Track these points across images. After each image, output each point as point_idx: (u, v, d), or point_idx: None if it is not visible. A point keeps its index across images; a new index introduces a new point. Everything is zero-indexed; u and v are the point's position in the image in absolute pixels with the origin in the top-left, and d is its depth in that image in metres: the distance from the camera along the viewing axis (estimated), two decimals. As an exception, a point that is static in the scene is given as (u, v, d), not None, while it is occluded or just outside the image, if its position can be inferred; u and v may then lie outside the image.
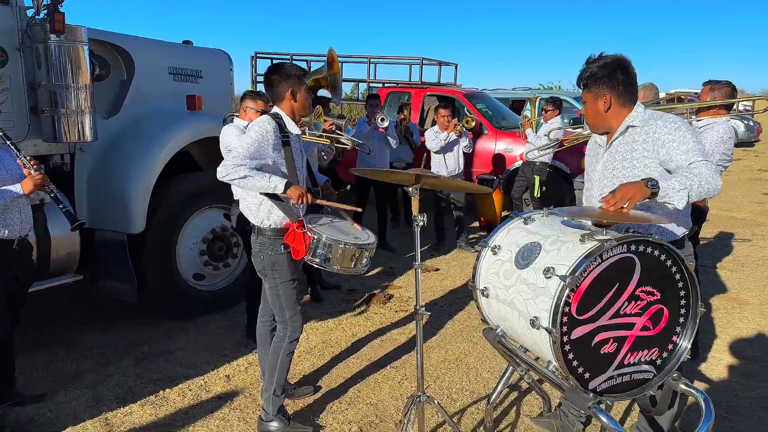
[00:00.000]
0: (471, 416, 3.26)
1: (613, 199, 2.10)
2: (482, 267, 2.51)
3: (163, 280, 4.36)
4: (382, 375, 3.74)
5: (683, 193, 2.10)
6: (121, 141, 4.24)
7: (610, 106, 2.37)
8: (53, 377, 3.64)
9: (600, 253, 2.02)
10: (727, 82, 3.73)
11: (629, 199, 2.08)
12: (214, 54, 5.21)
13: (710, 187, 2.15)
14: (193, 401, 3.40)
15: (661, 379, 2.22)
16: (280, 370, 3.02)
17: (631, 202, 2.08)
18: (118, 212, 4.08)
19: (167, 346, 4.11)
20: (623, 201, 2.08)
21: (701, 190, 2.14)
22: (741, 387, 3.56)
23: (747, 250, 6.64)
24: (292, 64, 2.97)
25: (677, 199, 2.11)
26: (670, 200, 2.12)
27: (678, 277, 2.18)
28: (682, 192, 2.10)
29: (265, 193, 2.85)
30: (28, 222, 3.15)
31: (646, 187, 2.09)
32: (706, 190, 2.15)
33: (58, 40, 3.61)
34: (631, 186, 2.11)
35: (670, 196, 2.11)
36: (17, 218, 3.06)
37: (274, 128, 2.79)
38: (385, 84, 9.82)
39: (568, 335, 2.03)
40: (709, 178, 2.15)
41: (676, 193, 2.10)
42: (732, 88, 3.72)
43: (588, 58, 2.41)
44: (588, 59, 2.41)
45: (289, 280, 2.96)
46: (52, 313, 4.60)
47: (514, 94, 12.66)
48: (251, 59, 10.31)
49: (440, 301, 5.08)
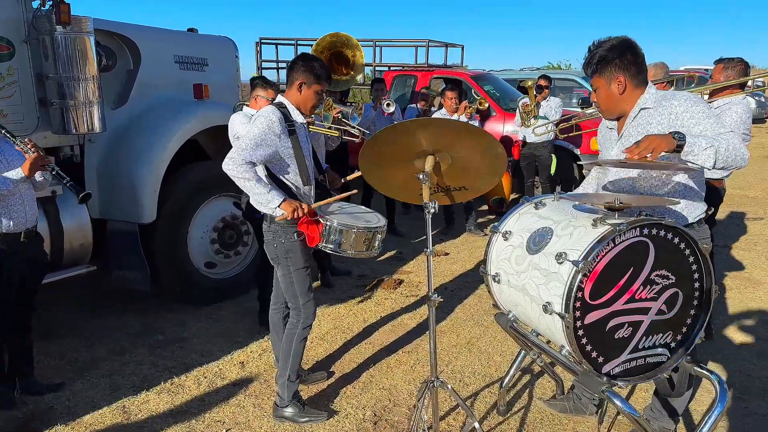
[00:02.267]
0: (484, 400, 3.28)
1: (637, 149, 2.07)
2: (493, 253, 2.51)
3: (175, 270, 4.39)
4: (395, 360, 3.76)
5: (710, 152, 2.04)
6: (130, 131, 4.25)
7: (625, 88, 2.33)
8: (70, 366, 3.69)
9: (612, 237, 2.00)
10: (740, 59, 3.64)
11: (654, 149, 2.04)
12: (220, 41, 5.18)
13: (738, 155, 2.09)
14: (208, 388, 3.44)
15: (675, 361, 2.22)
16: (294, 356, 3.05)
17: (656, 152, 2.04)
18: (129, 202, 4.10)
19: (181, 334, 4.15)
20: (647, 150, 2.05)
21: (728, 155, 2.07)
22: (754, 367, 3.56)
23: (759, 229, 6.59)
24: (322, 63, 2.93)
25: (703, 158, 2.05)
26: (695, 158, 2.07)
27: (692, 260, 2.16)
28: (709, 150, 2.04)
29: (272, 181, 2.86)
30: (33, 214, 3.17)
31: (672, 139, 2.05)
32: (733, 157, 2.09)
33: (64, 32, 3.60)
34: (657, 136, 2.07)
35: (695, 153, 2.05)
36: (21, 210, 3.08)
37: (279, 118, 2.78)
38: (391, 67, 9.74)
39: (582, 320, 2.03)
40: (736, 145, 2.10)
41: (703, 151, 2.04)
42: (745, 65, 3.63)
43: (591, 44, 2.37)
44: (592, 45, 2.37)
45: (302, 267, 2.97)
46: (67, 303, 4.65)
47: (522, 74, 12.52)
48: (256, 45, 10.24)
49: (450, 286, 5.09)
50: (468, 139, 2.61)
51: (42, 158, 3.02)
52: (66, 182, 3.10)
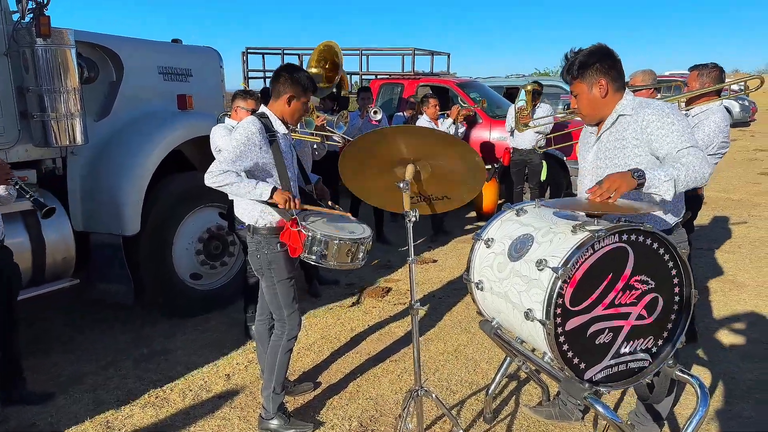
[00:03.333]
0: (470, 407, 3.27)
1: (599, 190, 2.11)
2: (476, 260, 2.51)
3: (160, 282, 4.36)
4: (382, 369, 3.75)
5: (669, 184, 2.11)
6: (113, 143, 4.22)
7: (607, 92, 2.37)
8: (53, 381, 3.65)
9: (592, 243, 2.02)
10: (714, 65, 3.66)
11: (615, 190, 2.08)
12: (204, 52, 5.18)
13: (697, 176, 2.15)
14: (193, 401, 3.41)
15: (656, 366, 2.23)
16: (279, 368, 3.03)
17: (618, 193, 2.08)
18: (112, 215, 4.07)
19: (166, 346, 4.12)
20: (609, 192, 2.09)
21: (688, 180, 2.14)
22: (739, 370, 3.58)
23: (743, 232, 6.65)
24: (307, 74, 2.93)
25: (663, 190, 2.11)
26: (656, 191, 2.12)
27: (671, 265, 2.18)
28: (668, 183, 2.10)
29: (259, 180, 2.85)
30: None
31: (632, 178, 2.10)
32: (693, 179, 2.15)
33: (44, 44, 3.58)
34: (617, 177, 2.11)
35: (656, 186, 2.11)
36: None
37: (260, 128, 2.78)
38: (377, 76, 9.77)
39: (563, 327, 2.04)
40: (696, 167, 2.15)
41: (662, 184, 2.10)
42: (720, 70, 3.64)
43: (568, 53, 2.41)
44: (569, 53, 2.41)
45: (286, 278, 2.96)
46: (51, 317, 4.60)
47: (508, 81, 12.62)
48: (242, 55, 10.24)
49: (438, 293, 5.09)
50: (448, 149, 2.62)
51: (4, 172, 2.98)
52: (29, 197, 3.04)
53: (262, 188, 2.74)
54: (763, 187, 9.14)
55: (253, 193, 2.74)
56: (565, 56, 2.41)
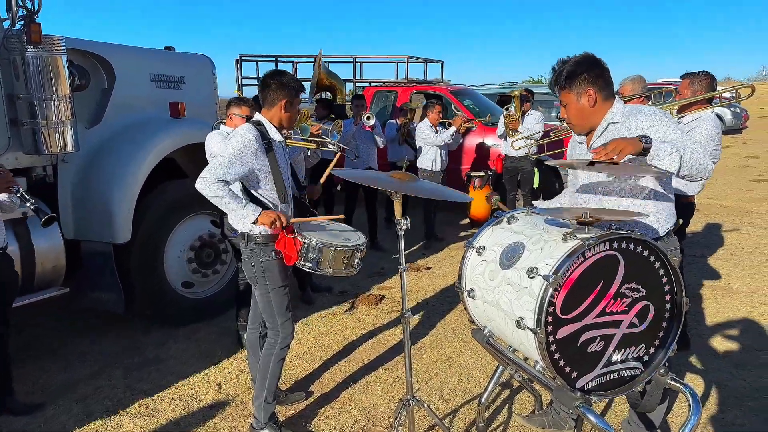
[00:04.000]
0: (463, 416, 3.25)
1: (604, 151, 2.10)
2: (467, 268, 2.50)
3: (152, 290, 4.32)
4: (374, 378, 3.73)
5: (675, 156, 2.10)
6: (104, 150, 4.20)
7: (595, 102, 2.37)
8: (42, 391, 3.61)
9: (582, 251, 2.01)
10: (705, 73, 3.68)
11: (621, 150, 2.08)
12: (197, 59, 5.17)
13: (701, 166, 2.15)
14: (184, 411, 3.37)
15: (648, 374, 2.22)
16: (272, 376, 3.00)
17: (623, 154, 2.08)
18: (103, 223, 4.04)
19: (157, 355, 4.08)
20: (614, 152, 2.08)
21: (692, 164, 2.13)
22: (732, 377, 3.57)
23: (736, 239, 6.67)
24: (293, 76, 2.95)
25: (668, 162, 2.10)
26: (660, 162, 2.11)
27: (662, 273, 2.17)
28: (674, 155, 2.10)
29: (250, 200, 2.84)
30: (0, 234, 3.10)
31: (638, 142, 2.09)
32: (697, 166, 2.14)
33: (35, 51, 3.57)
34: (624, 139, 2.11)
35: (661, 158, 2.10)
36: None
37: (256, 136, 2.77)
38: (371, 83, 9.79)
39: (554, 335, 2.03)
40: (701, 156, 2.16)
41: (668, 156, 2.10)
42: (711, 78, 3.67)
43: (556, 64, 2.41)
44: (556, 64, 2.41)
45: (280, 286, 2.94)
46: (41, 325, 4.56)
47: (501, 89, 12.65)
48: (236, 62, 10.25)
49: (432, 301, 5.07)
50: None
51: (5, 180, 2.96)
52: (30, 205, 3.03)
53: (249, 210, 2.74)
54: (756, 194, 9.19)
55: (239, 213, 2.74)
56: (553, 68, 2.41)
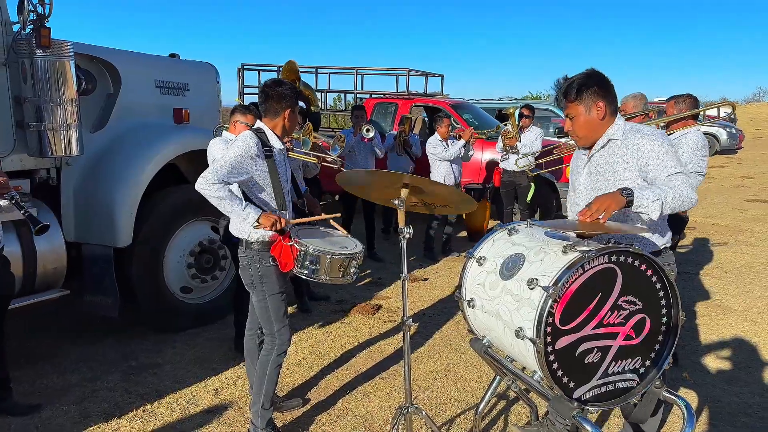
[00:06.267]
0: (459, 426, 3.28)
1: (588, 211, 2.17)
2: (468, 278, 2.53)
3: (151, 294, 4.34)
4: (371, 386, 3.75)
5: (656, 204, 2.17)
6: (108, 155, 4.24)
7: (604, 114, 2.43)
8: (39, 392, 3.61)
9: (582, 263, 2.05)
10: (689, 95, 3.91)
11: (605, 210, 2.14)
12: (201, 67, 5.23)
13: (684, 200, 2.23)
14: (181, 415, 3.38)
15: (644, 387, 2.25)
16: (269, 382, 3.02)
17: (607, 213, 2.14)
18: (105, 226, 4.06)
19: (155, 360, 4.09)
20: (599, 212, 2.14)
21: (675, 202, 2.21)
22: (724, 393, 3.61)
23: (730, 257, 6.74)
24: (290, 83, 3.00)
25: (651, 210, 2.18)
26: (644, 210, 2.19)
27: (659, 287, 2.21)
28: (656, 203, 2.17)
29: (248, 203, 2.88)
30: None
31: (621, 197, 2.16)
32: (680, 203, 2.22)
33: (44, 55, 3.61)
34: (606, 197, 2.18)
35: (644, 206, 2.18)
36: None
37: (257, 143, 2.82)
38: (372, 95, 9.87)
39: (552, 345, 2.06)
40: (684, 191, 2.23)
41: (651, 204, 2.17)
42: (694, 99, 3.90)
43: (560, 79, 2.48)
44: (561, 79, 2.48)
45: (277, 293, 2.97)
46: (39, 328, 4.57)
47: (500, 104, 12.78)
48: (238, 71, 10.33)
49: (429, 311, 5.10)
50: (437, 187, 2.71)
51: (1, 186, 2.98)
52: (24, 212, 3.04)
53: (249, 211, 2.77)
54: (750, 214, 9.28)
55: (239, 214, 2.77)
56: (557, 81, 2.47)
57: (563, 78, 2.47)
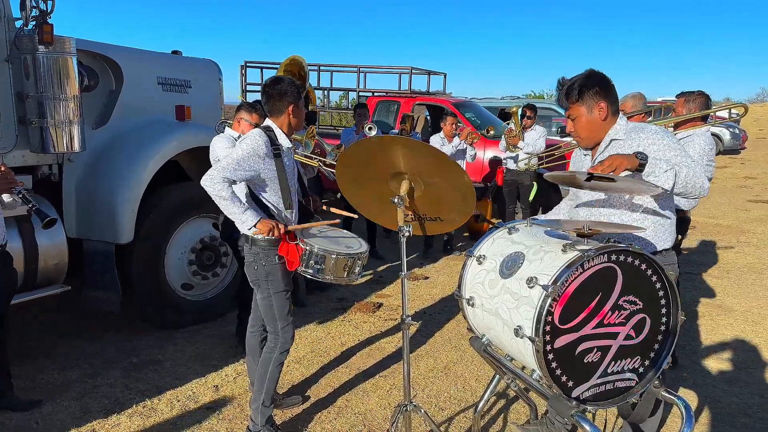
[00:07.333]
0: (458, 424, 3.28)
1: (601, 167, 2.17)
2: (468, 276, 2.54)
3: (152, 290, 4.35)
4: (371, 384, 3.75)
5: (670, 174, 2.17)
6: (110, 151, 4.25)
7: (606, 115, 2.43)
8: (40, 388, 3.62)
9: (581, 262, 2.05)
10: (700, 92, 3.76)
11: (617, 166, 2.15)
12: (203, 64, 5.23)
13: (697, 184, 2.23)
14: (181, 412, 3.39)
15: (643, 386, 2.25)
16: (270, 380, 3.03)
17: (619, 169, 2.15)
18: (107, 222, 4.07)
19: (155, 356, 4.10)
20: (611, 168, 2.15)
21: (688, 181, 2.21)
22: (724, 393, 3.61)
23: (732, 257, 6.73)
24: (292, 80, 2.99)
25: (663, 179, 2.17)
26: (656, 179, 2.18)
27: (659, 287, 2.21)
28: (669, 172, 2.17)
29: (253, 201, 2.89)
30: (1, 232, 3.13)
31: (635, 158, 2.17)
32: (692, 184, 2.22)
33: (46, 51, 3.62)
34: (620, 155, 2.18)
35: (656, 174, 2.17)
36: None
37: (266, 142, 2.82)
38: (374, 93, 9.87)
39: (551, 344, 2.06)
40: (697, 173, 2.23)
41: (663, 173, 2.17)
42: (706, 98, 3.76)
43: (562, 79, 2.48)
44: (562, 80, 2.48)
45: (282, 291, 2.97)
46: (40, 323, 4.58)
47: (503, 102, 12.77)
48: (241, 68, 10.33)
49: (429, 310, 5.10)
50: (441, 167, 2.66)
51: (7, 181, 2.99)
52: (31, 206, 3.05)
53: (247, 216, 2.77)
54: (752, 214, 9.26)
55: (238, 217, 2.78)
56: (558, 82, 2.47)
57: (562, 79, 2.47)
